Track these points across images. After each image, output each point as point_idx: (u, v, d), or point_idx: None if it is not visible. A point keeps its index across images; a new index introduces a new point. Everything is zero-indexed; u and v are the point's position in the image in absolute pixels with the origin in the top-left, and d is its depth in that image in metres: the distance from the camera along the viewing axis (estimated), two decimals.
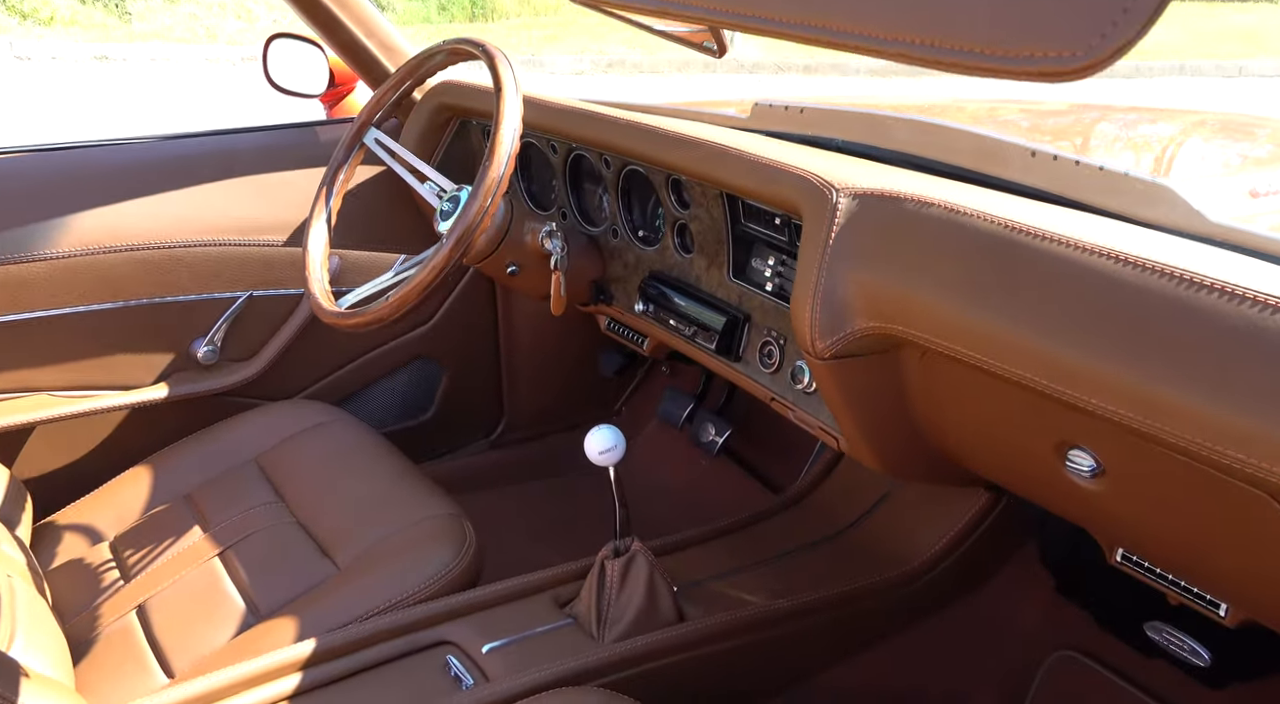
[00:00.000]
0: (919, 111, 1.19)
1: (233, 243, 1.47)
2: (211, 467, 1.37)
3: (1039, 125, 1.31)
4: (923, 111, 1.20)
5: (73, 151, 1.44)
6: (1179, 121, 1.33)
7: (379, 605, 1.08)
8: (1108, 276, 0.70)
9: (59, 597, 1.20)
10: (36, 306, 1.36)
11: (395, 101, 1.31)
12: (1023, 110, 1.39)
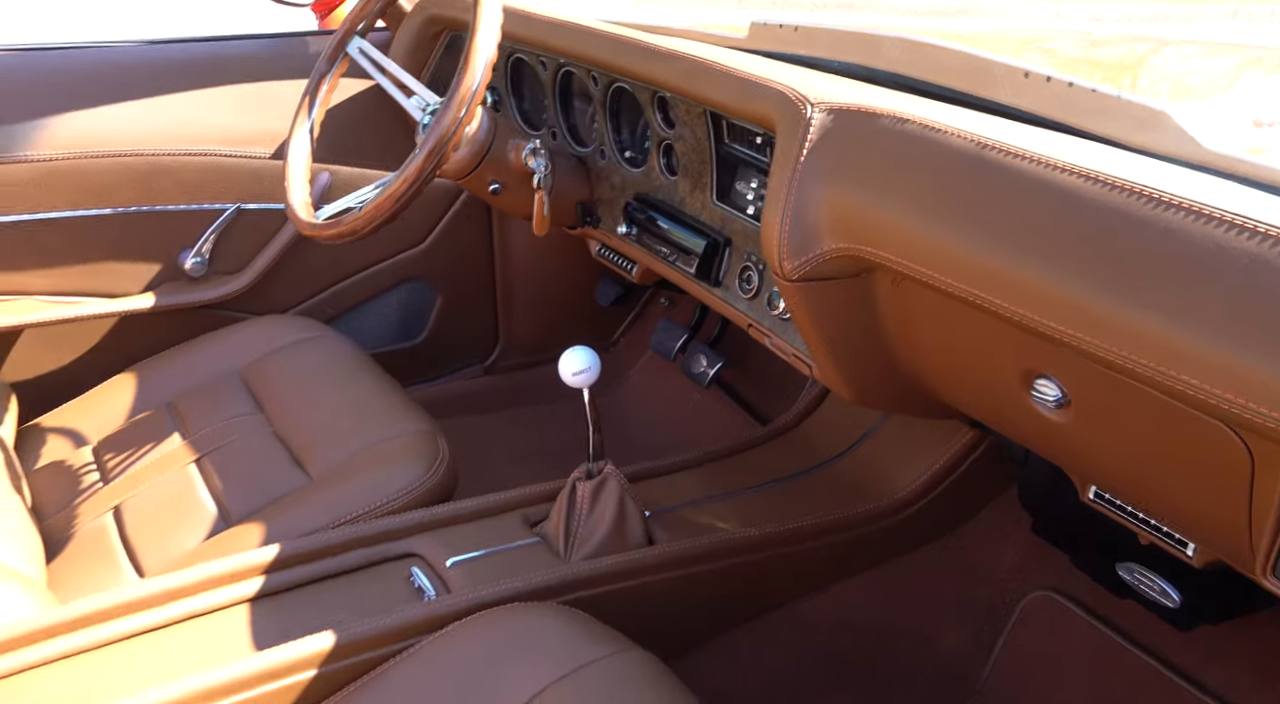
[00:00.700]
0: (956, 38, 1.14)
1: (221, 153, 1.45)
2: (195, 376, 1.38)
3: (1089, 55, 1.26)
4: (953, 38, 1.15)
5: (59, 52, 1.42)
6: (1237, 56, 1.27)
7: (347, 515, 1.09)
8: (1073, 194, 0.68)
9: (38, 497, 1.22)
10: (21, 209, 1.35)
11: (379, 10, 1.28)
12: (1074, 41, 1.33)
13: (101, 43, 1.45)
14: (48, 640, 0.89)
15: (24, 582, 0.97)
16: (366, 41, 1.28)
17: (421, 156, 1.06)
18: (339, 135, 1.52)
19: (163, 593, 0.97)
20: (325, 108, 1.29)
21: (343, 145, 1.53)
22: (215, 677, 0.86)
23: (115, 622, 0.93)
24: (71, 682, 0.87)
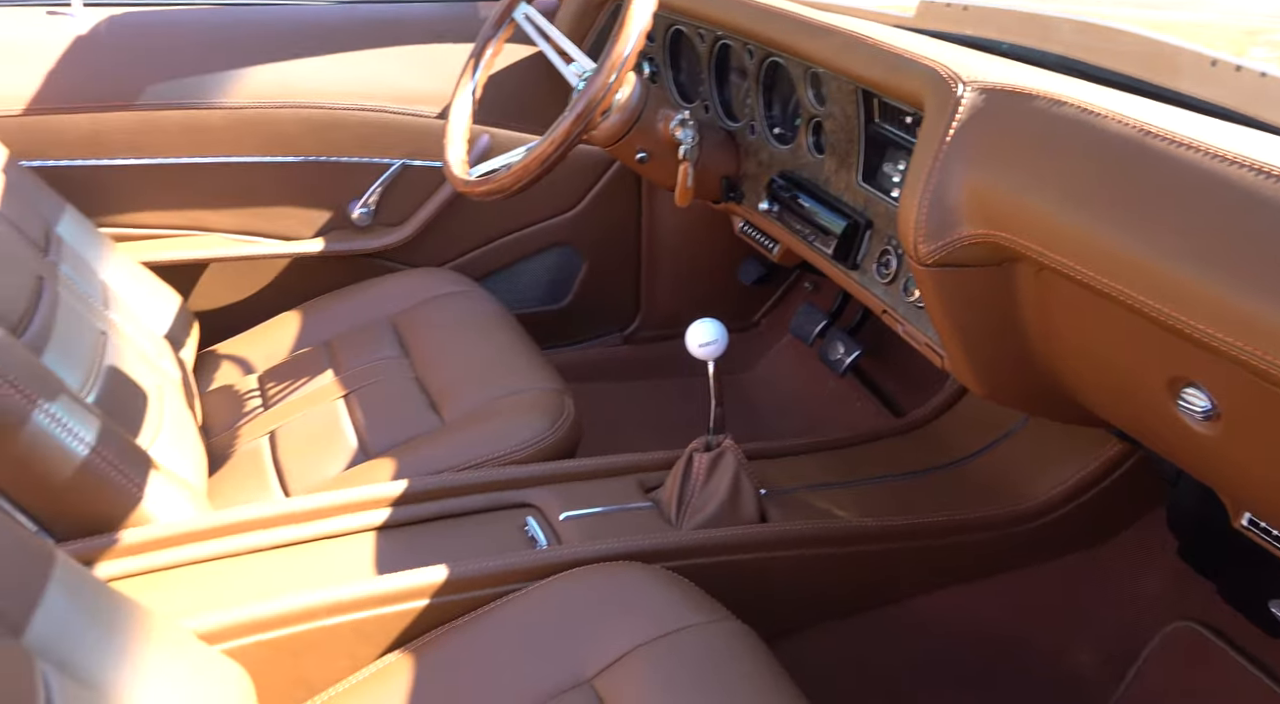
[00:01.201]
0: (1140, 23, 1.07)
1: (391, 110, 1.53)
2: (352, 319, 1.47)
3: None
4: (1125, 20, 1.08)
5: (257, 8, 1.53)
6: None
7: (472, 460, 1.14)
8: (1245, 191, 0.62)
9: (208, 416, 1.33)
10: (215, 152, 1.48)
11: None
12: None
13: (295, 2, 1.56)
14: (201, 542, 0.98)
15: (187, 489, 1.06)
16: (533, 8, 1.32)
17: (569, 121, 1.08)
18: (502, 99, 1.57)
19: (303, 512, 1.04)
20: (489, 71, 1.34)
21: (505, 108, 1.59)
22: (338, 593, 0.92)
23: (259, 532, 1.01)
24: (217, 580, 0.95)
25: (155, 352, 1.26)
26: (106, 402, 1.04)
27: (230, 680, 0.81)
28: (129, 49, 1.43)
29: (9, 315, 0.97)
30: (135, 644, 0.72)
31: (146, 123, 1.43)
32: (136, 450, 1.02)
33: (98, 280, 1.25)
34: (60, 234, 1.25)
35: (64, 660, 0.64)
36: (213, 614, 0.87)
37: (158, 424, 1.11)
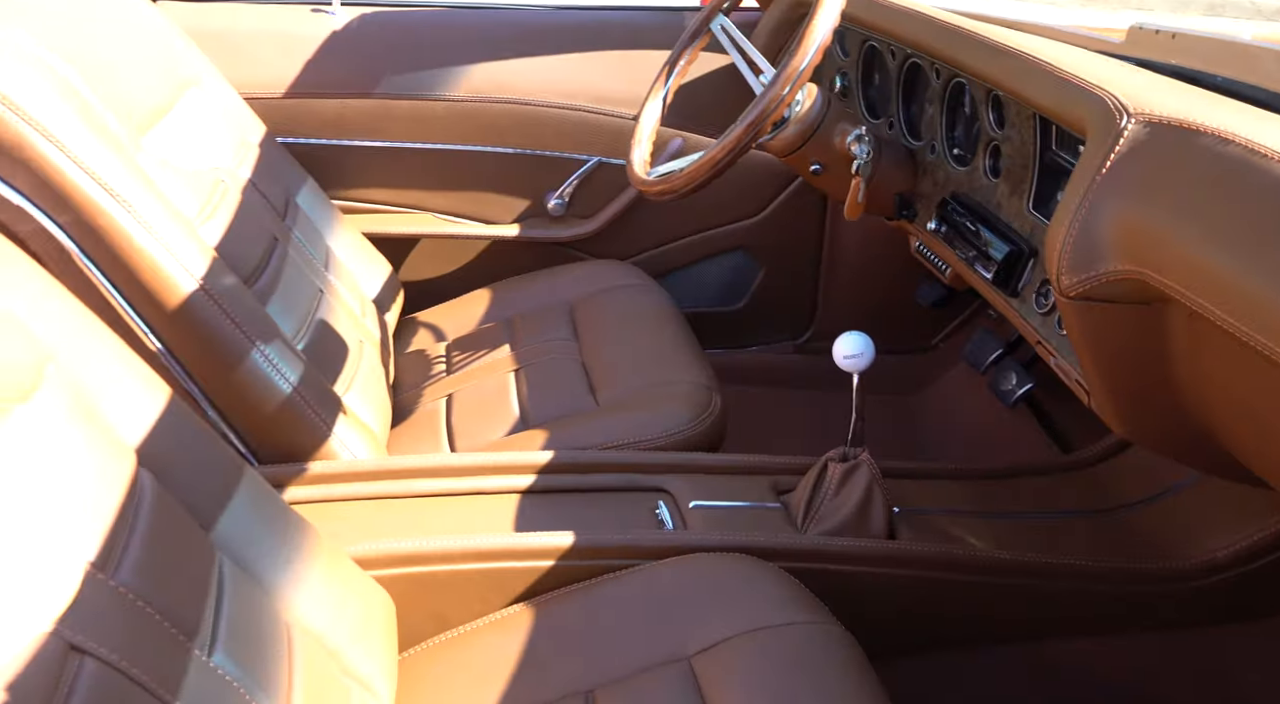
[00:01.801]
0: None
1: (591, 110, 1.64)
2: (535, 301, 1.60)
3: None
4: None
5: (478, 12, 1.69)
6: None
7: (616, 441, 1.22)
8: None
9: (399, 374, 1.49)
10: (433, 139, 1.64)
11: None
12: None
13: (512, 6, 1.71)
14: (372, 481, 1.12)
15: (369, 435, 1.21)
16: (729, 20, 1.38)
17: (739, 129, 1.13)
18: (696, 104, 1.64)
19: (461, 467, 1.16)
20: (682, 78, 1.41)
21: (699, 114, 1.66)
22: (481, 542, 1.03)
23: (422, 480, 1.13)
24: (379, 516, 1.08)
25: (362, 312, 1.42)
26: (313, 350, 1.20)
27: (376, 602, 0.93)
28: (374, 44, 1.62)
29: (244, 267, 1.14)
30: (300, 555, 0.84)
31: (382, 110, 1.62)
32: (332, 395, 1.17)
33: (324, 245, 1.44)
34: (299, 202, 1.44)
35: (239, 556, 0.77)
36: (370, 543, 0.99)
37: (353, 375, 1.26)
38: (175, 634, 0.63)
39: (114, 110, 1.05)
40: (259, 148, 1.39)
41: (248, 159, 1.33)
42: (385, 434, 1.30)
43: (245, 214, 1.20)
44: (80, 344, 0.69)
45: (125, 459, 0.68)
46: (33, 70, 0.95)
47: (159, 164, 1.10)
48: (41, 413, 0.63)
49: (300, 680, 0.75)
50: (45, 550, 0.57)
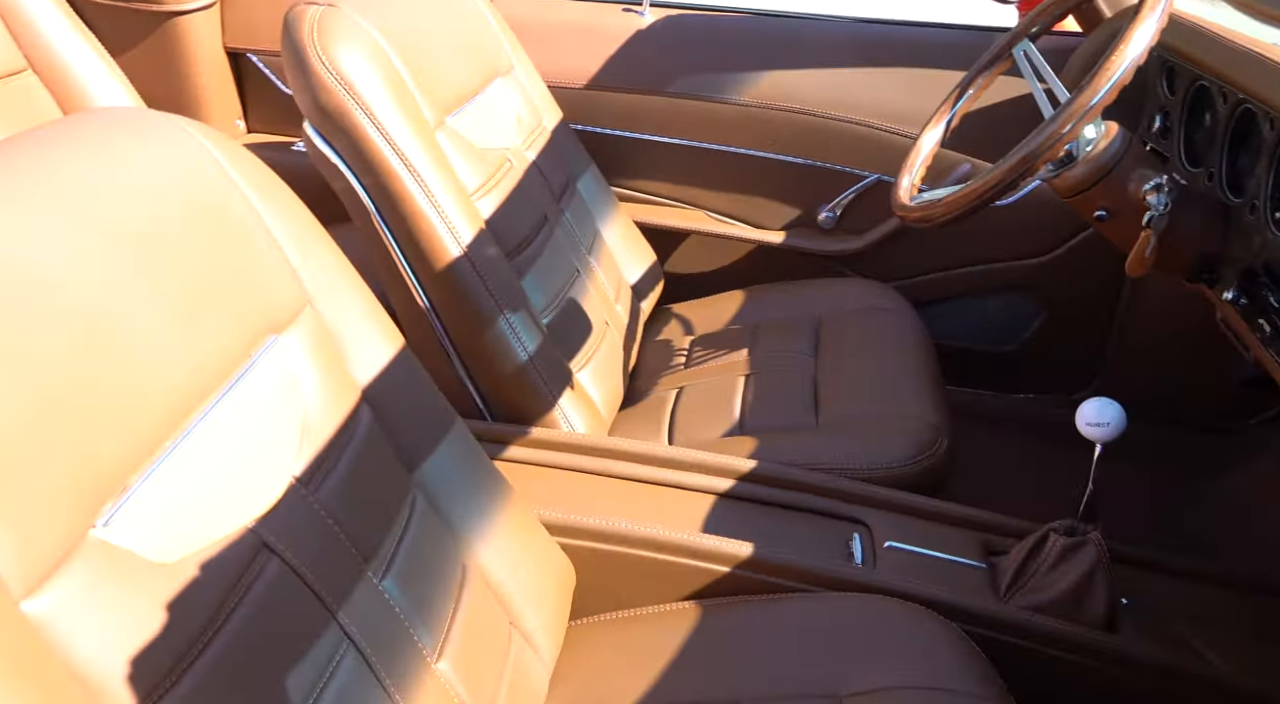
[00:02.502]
0: None
1: (878, 126, 1.60)
2: (784, 311, 1.59)
3: None
4: None
5: (773, 19, 1.70)
6: None
7: (825, 464, 1.20)
8: None
9: (641, 360, 1.56)
10: (717, 140, 1.69)
11: (1057, 15, 1.26)
12: None
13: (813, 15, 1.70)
14: (582, 455, 1.18)
15: (593, 414, 1.28)
16: (1034, 46, 1.29)
17: (1009, 163, 1.06)
18: (990, 131, 1.55)
19: (670, 459, 1.19)
20: (974, 102, 1.34)
21: (991, 142, 1.56)
22: (668, 534, 1.06)
23: (629, 464, 1.18)
24: (578, 488, 1.14)
25: (616, 297, 1.50)
26: (556, 325, 1.29)
27: (556, 566, 0.99)
28: (675, 45, 1.69)
29: (508, 241, 1.25)
30: (491, 507, 0.92)
31: (673, 107, 1.68)
32: (564, 369, 1.25)
33: (594, 229, 1.53)
34: (579, 187, 1.54)
35: (433, 498, 0.85)
36: (562, 512, 1.06)
37: (590, 355, 1.34)
38: (354, 554, 0.72)
39: (424, 91, 1.19)
40: (552, 133, 1.50)
41: (538, 142, 1.45)
42: (611, 414, 1.37)
43: (521, 192, 1.31)
44: (335, 292, 0.80)
45: (351, 395, 0.79)
46: (362, 49, 1.11)
47: (454, 141, 1.23)
48: (291, 344, 0.75)
49: (462, 619, 0.82)
50: (263, 460, 0.68)
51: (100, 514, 0.56)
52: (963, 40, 1.61)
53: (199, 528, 0.61)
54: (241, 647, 0.60)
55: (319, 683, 0.65)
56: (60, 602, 0.52)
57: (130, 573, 0.56)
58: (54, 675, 0.50)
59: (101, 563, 0.55)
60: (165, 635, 0.56)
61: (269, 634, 0.63)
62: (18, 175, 0.60)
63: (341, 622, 0.69)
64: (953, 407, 1.37)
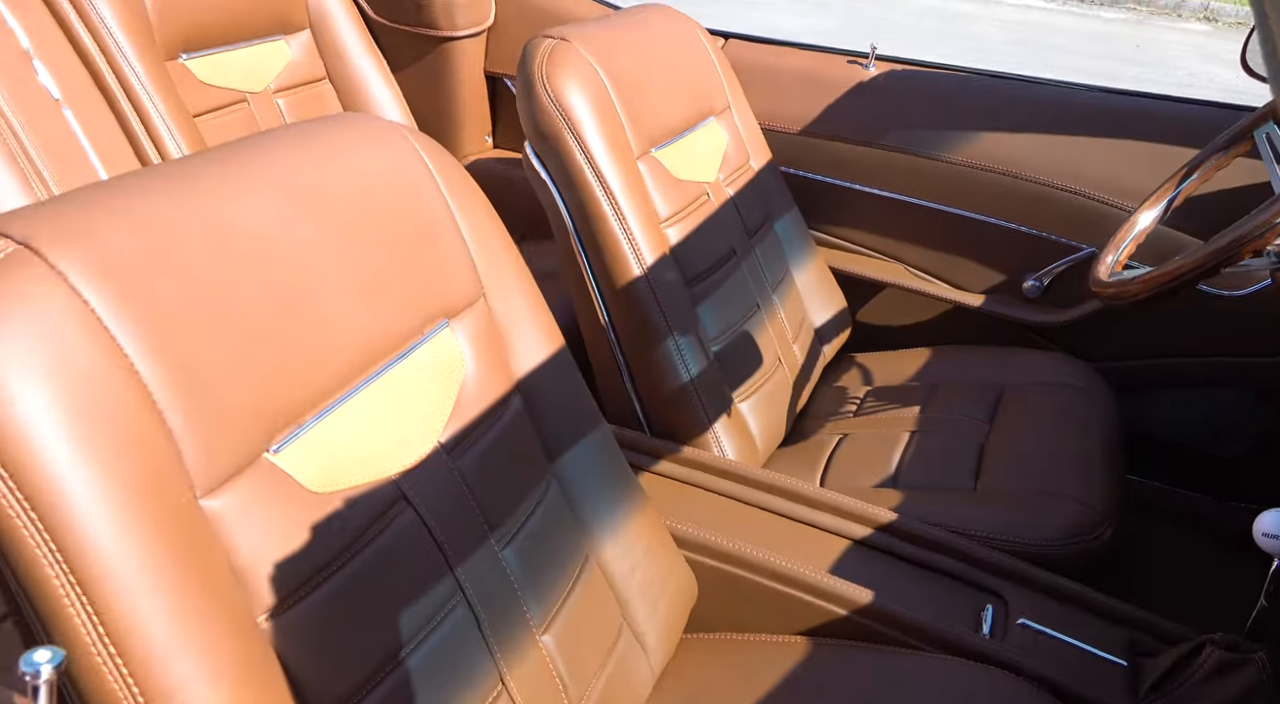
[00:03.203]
0: None
1: (1095, 197, 1.54)
2: (969, 374, 1.56)
3: None
4: None
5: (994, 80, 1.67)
6: None
7: (972, 530, 1.17)
8: None
9: (813, 402, 1.58)
10: (923, 196, 1.68)
11: None
12: None
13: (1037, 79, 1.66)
14: (726, 479, 1.22)
15: (747, 445, 1.32)
16: None
17: (1213, 247, 1.00)
18: (1213, 216, 1.45)
19: (811, 498, 1.21)
20: (1202, 183, 1.27)
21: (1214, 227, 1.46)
22: (796, 569, 1.08)
23: (770, 496, 1.21)
24: (714, 508, 1.18)
25: (794, 337, 1.53)
26: (726, 354, 1.35)
27: (678, 576, 1.04)
28: (894, 99, 1.70)
29: (691, 268, 1.32)
30: (622, 507, 0.99)
31: (884, 160, 1.70)
32: (725, 397, 1.30)
33: (784, 268, 1.57)
34: (776, 226, 1.59)
35: (567, 488, 0.93)
36: (694, 527, 1.10)
37: (755, 388, 1.38)
38: (482, 521, 0.81)
39: (633, 122, 1.29)
40: (757, 173, 1.56)
41: (740, 180, 1.51)
42: (768, 449, 1.40)
43: (712, 225, 1.38)
44: (508, 291, 0.90)
45: (505, 383, 0.88)
46: (582, 81, 1.22)
47: (654, 170, 1.32)
48: (460, 330, 0.85)
49: (574, 602, 0.89)
50: (416, 425, 0.78)
51: (275, 441, 0.67)
52: (1200, 116, 1.51)
53: (351, 470, 0.72)
54: (368, 576, 0.70)
55: (428, 625, 0.74)
56: (230, 505, 0.64)
57: (288, 495, 0.67)
58: (217, 563, 0.62)
59: (268, 481, 0.66)
60: (306, 552, 0.67)
61: (393, 572, 0.72)
62: (257, 152, 0.74)
63: (458, 577, 0.78)
64: (1135, 498, 1.29)
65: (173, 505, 0.59)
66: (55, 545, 0.54)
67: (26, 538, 0.53)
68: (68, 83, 1.30)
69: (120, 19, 1.36)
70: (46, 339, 0.56)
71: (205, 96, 1.54)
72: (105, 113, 1.33)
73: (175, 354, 0.61)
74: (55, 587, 0.54)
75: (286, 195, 0.73)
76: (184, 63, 1.52)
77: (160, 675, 0.56)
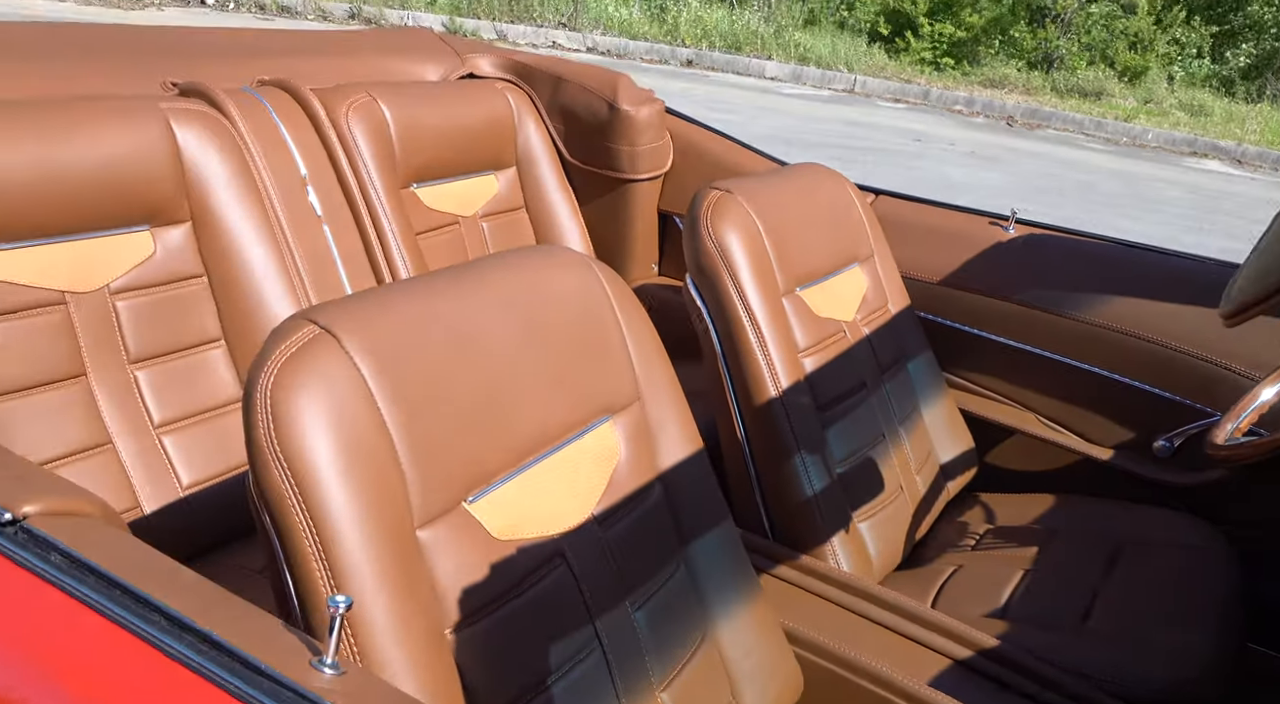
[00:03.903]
0: None
1: (1232, 369, 1.60)
2: (1091, 525, 1.62)
3: None
4: None
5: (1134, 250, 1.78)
6: None
7: (1070, 664, 1.23)
8: None
9: (931, 533, 1.66)
10: (1060, 351, 1.77)
11: None
12: None
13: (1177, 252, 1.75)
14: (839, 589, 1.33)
15: (863, 561, 1.43)
16: None
17: None
18: None
19: (921, 617, 1.30)
20: None
21: None
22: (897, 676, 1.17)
23: (878, 608, 1.31)
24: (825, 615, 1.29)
25: (919, 469, 1.64)
26: (849, 476, 1.48)
27: (786, 669, 1.16)
28: (1031, 259, 1.82)
29: (823, 395, 1.47)
30: (739, 597, 1.12)
31: (1019, 314, 1.81)
32: (844, 515, 1.43)
33: (913, 405, 1.70)
34: (909, 366, 1.73)
35: (693, 570, 1.08)
36: (803, 626, 1.22)
37: (874, 511, 1.50)
38: (621, 585, 0.97)
39: (782, 265, 1.48)
40: (894, 315, 1.72)
41: (877, 321, 1.67)
42: (885, 571, 1.50)
43: (846, 359, 1.54)
44: (660, 400, 1.09)
45: (650, 474, 1.06)
46: (739, 227, 1.43)
47: (797, 307, 1.50)
48: (620, 424, 1.04)
49: (690, 670, 1.03)
50: (576, 498, 0.96)
51: (470, 494, 0.87)
52: None
53: (524, 525, 0.91)
54: (528, 613, 0.88)
55: (570, 662, 0.90)
56: (435, 537, 0.83)
57: (476, 537, 0.86)
58: (422, 580, 0.81)
59: (463, 524, 0.86)
60: (485, 583, 0.85)
61: (547, 613, 0.89)
62: (481, 273, 0.96)
63: (597, 627, 0.94)
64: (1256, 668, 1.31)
65: (398, 528, 0.79)
66: (318, 537, 0.74)
67: (300, 528, 0.74)
68: (329, 204, 1.62)
69: (374, 154, 1.69)
70: (332, 397, 0.78)
71: (426, 218, 1.85)
72: (353, 230, 1.64)
73: (412, 419, 0.83)
74: (313, 566, 0.74)
75: (499, 307, 0.94)
76: (414, 190, 1.84)
77: (375, 651, 0.74)
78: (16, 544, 0.63)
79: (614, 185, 2.17)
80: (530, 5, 11.24)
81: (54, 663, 0.58)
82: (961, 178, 7.02)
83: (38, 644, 0.59)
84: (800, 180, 1.63)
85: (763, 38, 11.83)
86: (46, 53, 1.49)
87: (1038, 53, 14.08)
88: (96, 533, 0.66)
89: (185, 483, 1.33)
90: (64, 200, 1.24)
